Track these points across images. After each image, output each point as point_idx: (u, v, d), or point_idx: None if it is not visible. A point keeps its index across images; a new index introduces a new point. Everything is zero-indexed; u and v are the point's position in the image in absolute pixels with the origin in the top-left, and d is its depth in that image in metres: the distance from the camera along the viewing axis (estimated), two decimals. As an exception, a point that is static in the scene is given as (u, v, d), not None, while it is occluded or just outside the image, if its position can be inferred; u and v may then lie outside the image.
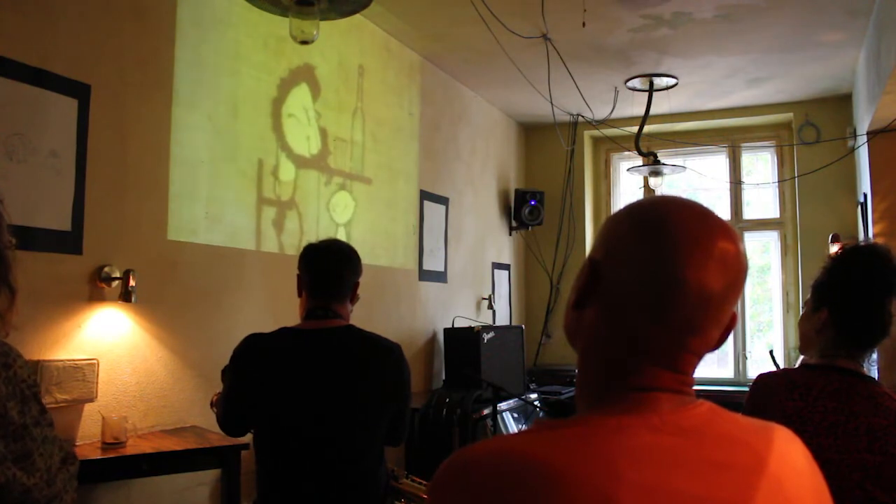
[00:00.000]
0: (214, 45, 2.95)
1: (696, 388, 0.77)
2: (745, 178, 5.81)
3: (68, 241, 2.35)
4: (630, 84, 4.86)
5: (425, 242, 4.47)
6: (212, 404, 2.12)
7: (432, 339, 4.52)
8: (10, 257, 1.32)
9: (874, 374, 3.50)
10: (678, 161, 5.41)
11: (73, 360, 2.33)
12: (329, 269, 1.97)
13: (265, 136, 3.21)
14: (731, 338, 2.29)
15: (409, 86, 4.34)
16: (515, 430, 4.04)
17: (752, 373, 5.46)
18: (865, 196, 4.44)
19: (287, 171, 3.33)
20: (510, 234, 5.80)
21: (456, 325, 4.64)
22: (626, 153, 5.81)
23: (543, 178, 5.98)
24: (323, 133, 3.57)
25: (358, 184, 3.81)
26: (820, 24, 3.88)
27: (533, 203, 5.64)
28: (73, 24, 2.40)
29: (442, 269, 4.67)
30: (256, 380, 1.87)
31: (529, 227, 5.76)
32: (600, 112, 5.36)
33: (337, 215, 3.61)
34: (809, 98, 5.22)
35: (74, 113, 2.38)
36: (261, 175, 3.17)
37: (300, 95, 3.43)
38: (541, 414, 4.45)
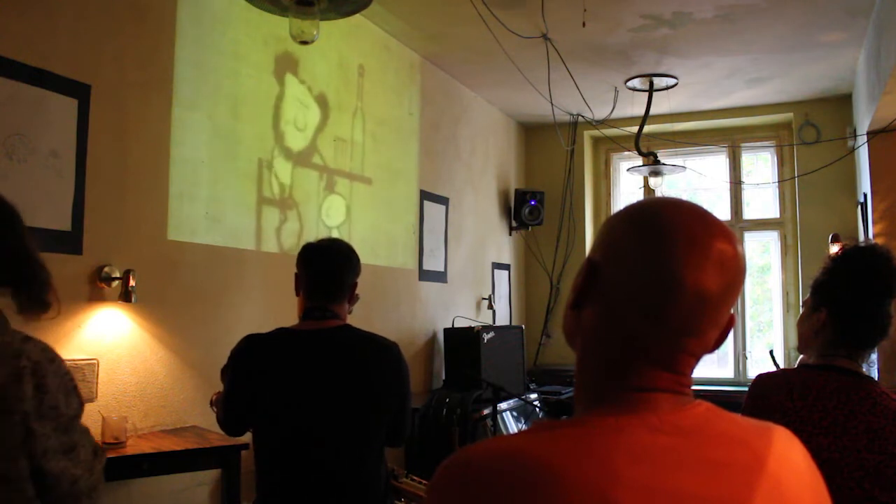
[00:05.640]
0: (214, 45, 2.95)
1: (695, 388, 0.77)
2: (745, 178, 5.81)
3: (68, 241, 2.35)
4: (630, 84, 4.85)
5: (425, 242, 4.47)
6: (211, 403, 2.12)
7: (432, 339, 4.52)
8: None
9: (874, 374, 3.51)
10: (678, 161, 5.41)
11: (73, 360, 2.33)
12: (327, 269, 1.96)
13: (265, 136, 3.21)
14: (730, 338, 2.29)
15: (409, 86, 4.34)
16: (515, 430, 4.04)
17: (752, 373, 5.46)
18: (865, 196, 4.44)
19: (287, 170, 3.33)
20: (510, 234, 5.80)
21: (456, 325, 4.64)
22: (626, 153, 5.81)
23: (543, 178, 5.98)
24: (323, 133, 3.57)
25: (358, 184, 3.82)
26: (820, 24, 3.88)
27: (533, 203, 5.64)
28: (73, 24, 2.40)
29: (442, 269, 4.67)
30: (254, 381, 1.87)
31: (529, 227, 5.76)
32: (600, 112, 5.36)
33: (331, 219, 3.60)
34: (809, 98, 5.22)
35: (74, 113, 2.38)
36: (261, 175, 3.17)
37: (300, 95, 3.43)
38: (541, 414, 4.46)
